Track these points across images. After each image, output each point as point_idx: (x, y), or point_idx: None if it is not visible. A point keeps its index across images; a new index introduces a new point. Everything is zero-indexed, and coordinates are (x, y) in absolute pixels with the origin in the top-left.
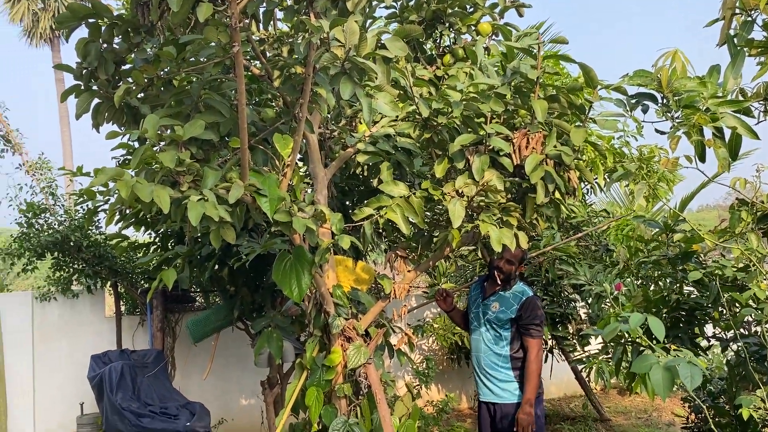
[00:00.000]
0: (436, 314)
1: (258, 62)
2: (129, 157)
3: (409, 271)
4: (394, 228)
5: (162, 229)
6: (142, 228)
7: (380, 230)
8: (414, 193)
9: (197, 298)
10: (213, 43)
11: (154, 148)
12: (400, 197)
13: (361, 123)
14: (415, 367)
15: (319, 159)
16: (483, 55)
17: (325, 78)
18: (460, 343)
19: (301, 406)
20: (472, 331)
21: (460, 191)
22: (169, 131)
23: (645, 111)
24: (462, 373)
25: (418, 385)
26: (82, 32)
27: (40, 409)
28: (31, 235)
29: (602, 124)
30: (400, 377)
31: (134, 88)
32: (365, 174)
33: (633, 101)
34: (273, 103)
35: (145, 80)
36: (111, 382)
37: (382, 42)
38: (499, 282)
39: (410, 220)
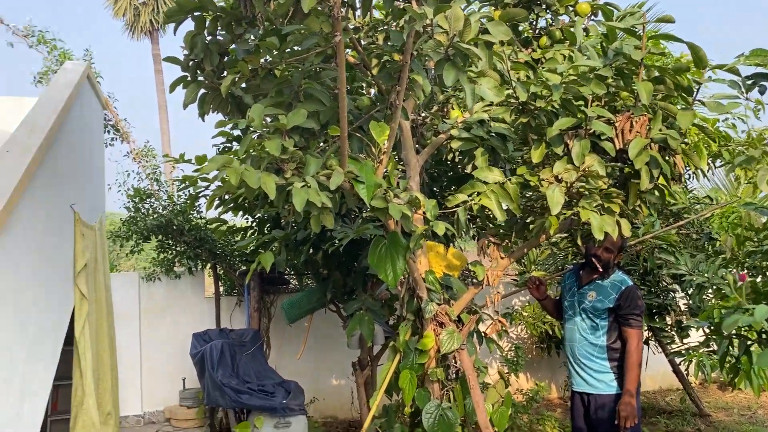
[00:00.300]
0: (525, 302)
1: (352, 51)
2: (228, 145)
3: (502, 257)
4: (488, 215)
5: (258, 214)
6: (240, 213)
7: (474, 217)
8: (509, 179)
9: (291, 281)
10: (314, 33)
11: (254, 136)
12: (495, 183)
13: (453, 109)
14: (504, 354)
15: (412, 145)
16: (582, 36)
17: (420, 64)
18: (551, 333)
19: (394, 388)
20: (565, 320)
21: (558, 177)
22: (272, 120)
23: (762, 92)
24: (552, 363)
25: (507, 373)
26: (185, 26)
27: (146, 382)
28: (138, 218)
29: (713, 107)
30: (489, 365)
31: (239, 78)
32: (456, 160)
33: (749, 82)
34: (363, 91)
35: (249, 70)
36: (212, 359)
37: (484, 26)
38: (599, 270)
39: (505, 206)
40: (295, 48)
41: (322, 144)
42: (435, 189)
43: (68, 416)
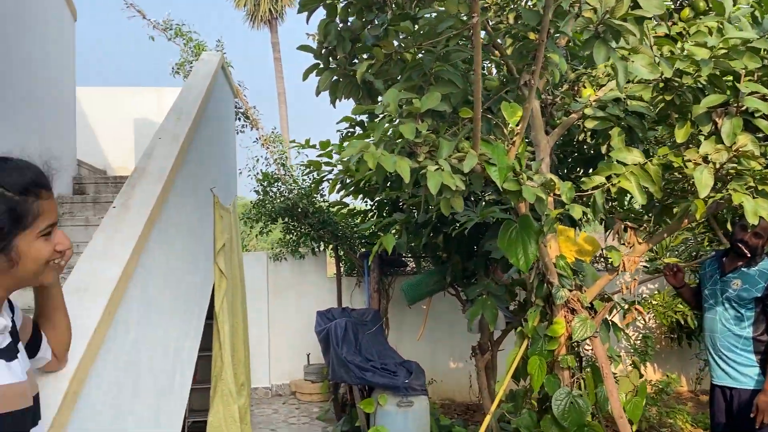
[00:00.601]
0: (653, 290)
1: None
2: (352, 130)
3: (639, 243)
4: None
5: (378, 198)
6: (360, 196)
7: (609, 200)
8: (650, 160)
9: (409, 263)
10: (450, 15)
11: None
12: (635, 164)
13: (585, 87)
14: (632, 344)
15: (542, 126)
16: (731, 5)
17: (553, 43)
18: (683, 322)
19: (522, 373)
20: (706, 309)
21: (706, 157)
22: (405, 104)
23: None
24: (682, 354)
25: (631, 363)
26: (316, 15)
27: (274, 356)
28: (266, 201)
29: None
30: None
31: (374, 63)
32: (588, 140)
33: None
34: (485, 72)
35: (384, 55)
36: (337, 336)
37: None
38: (746, 256)
39: (645, 189)
40: (428, 31)
41: (452, 127)
42: (561, 171)
43: (206, 386)
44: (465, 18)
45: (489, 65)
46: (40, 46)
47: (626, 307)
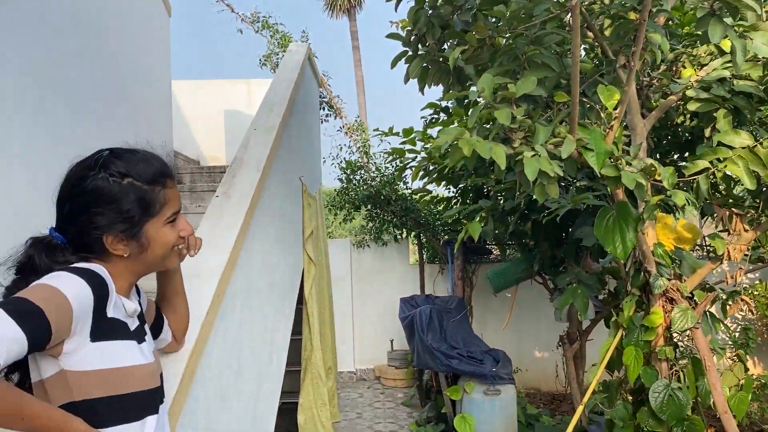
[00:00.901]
0: (754, 279)
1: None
2: (436, 116)
3: (746, 230)
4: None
5: (462, 185)
6: (443, 183)
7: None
8: (760, 143)
9: (493, 251)
10: None
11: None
12: (743, 148)
13: (685, 67)
14: (731, 335)
15: (638, 109)
16: None
17: (651, 22)
18: None
19: (616, 364)
20: None
21: None
22: (499, 89)
23: None
24: None
25: (729, 357)
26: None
27: (358, 341)
28: (350, 189)
29: None
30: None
31: (467, 49)
32: (687, 123)
33: None
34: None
35: (477, 41)
36: (422, 323)
37: None
38: None
39: (754, 173)
40: (522, 15)
41: (546, 112)
42: (654, 156)
43: (296, 369)
44: (562, 0)
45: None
46: (137, 41)
47: (724, 297)
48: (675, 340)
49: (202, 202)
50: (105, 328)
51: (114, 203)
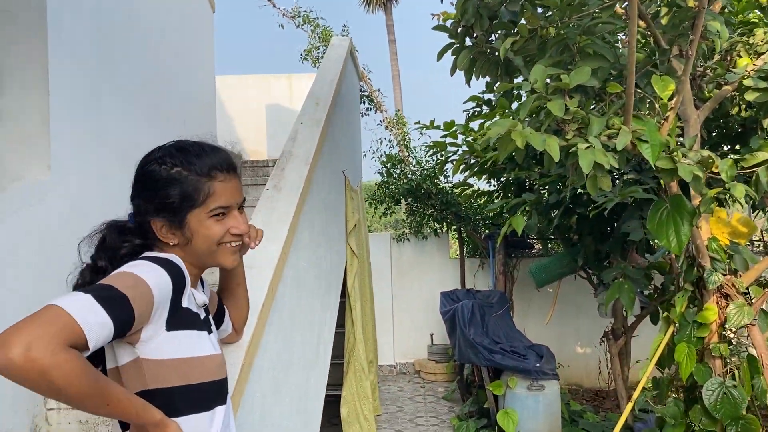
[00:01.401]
0: None
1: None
2: (478, 109)
3: None
4: None
5: (503, 178)
6: (484, 177)
7: None
8: None
9: (535, 245)
10: None
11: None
12: None
13: (740, 57)
14: None
15: (691, 100)
16: None
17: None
18: None
19: (667, 361)
20: None
21: None
22: (552, 80)
23: None
24: None
25: None
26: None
27: (398, 335)
28: (390, 183)
29: None
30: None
31: (518, 39)
32: (742, 114)
33: None
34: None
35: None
36: (464, 318)
37: None
38: None
39: None
40: (576, 4)
41: (598, 103)
42: (704, 148)
43: (339, 361)
44: None
45: (625, 38)
46: (183, 37)
47: None
48: (736, 336)
49: (246, 196)
50: (180, 318)
51: (160, 189)
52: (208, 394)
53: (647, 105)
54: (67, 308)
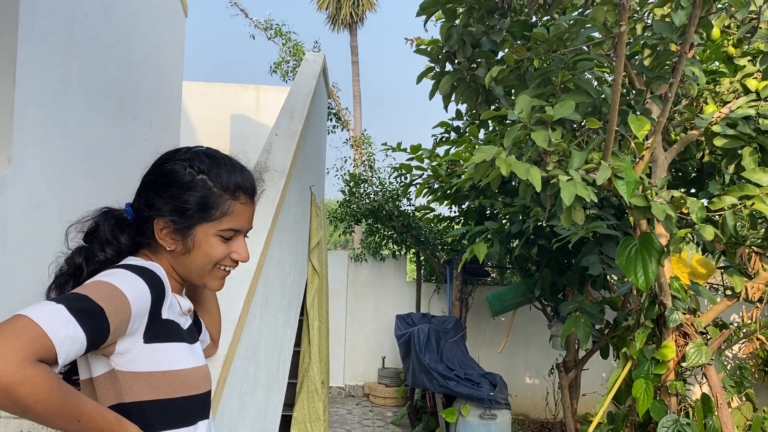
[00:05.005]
0: (759, 318)
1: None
2: (446, 135)
3: (765, 269)
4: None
5: (465, 205)
6: (446, 202)
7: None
8: None
9: (491, 273)
10: (590, 25)
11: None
12: None
13: (707, 104)
14: (727, 373)
15: (660, 141)
16: None
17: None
18: None
19: (624, 396)
20: None
21: None
22: (537, 111)
23: None
24: None
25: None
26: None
27: (349, 357)
28: (352, 202)
29: None
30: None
31: (504, 68)
32: (706, 158)
33: None
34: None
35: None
36: (419, 342)
37: None
38: None
39: None
40: (562, 38)
41: (576, 137)
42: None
43: (292, 381)
44: (609, 27)
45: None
46: (153, 39)
47: (759, 336)
48: (691, 375)
49: None
50: (159, 330)
51: (178, 190)
52: (191, 409)
53: (620, 143)
54: (36, 319)
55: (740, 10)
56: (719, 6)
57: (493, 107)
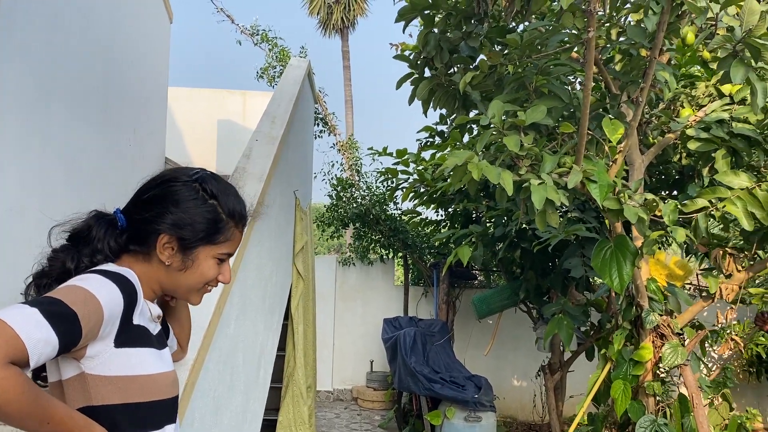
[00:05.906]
0: (733, 319)
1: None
2: (431, 139)
3: (739, 271)
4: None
5: (451, 209)
6: (432, 206)
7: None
8: (759, 185)
9: (478, 277)
10: (562, 30)
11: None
12: (742, 189)
13: (683, 107)
14: (705, 375)
15: (637, 144)
16: None
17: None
18: (764, 356)
19: (603, 397)
20: None
21: None
22: (509, 116)
23: None
24: (761, 389)
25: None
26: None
27: (337, 361)
28: (339, 206)
29: None
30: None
31: (478, 74)
32: (683, 161)
33: None
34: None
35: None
36: (405, 345)
37: None
38: None
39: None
40: (535, 44)
41: (550, 142)
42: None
43: (277, 385)
44: (579, 32)
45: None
46: (138, 45)
47: (733, 337)
48: (668, 375)
49: None
50: (129, 335)
51: (189, 211)
52: (159, 413)
53: (595, 146)
54: (9, 322)
55: (699, 16)
56: (685, 12)
57: (474, 113)
